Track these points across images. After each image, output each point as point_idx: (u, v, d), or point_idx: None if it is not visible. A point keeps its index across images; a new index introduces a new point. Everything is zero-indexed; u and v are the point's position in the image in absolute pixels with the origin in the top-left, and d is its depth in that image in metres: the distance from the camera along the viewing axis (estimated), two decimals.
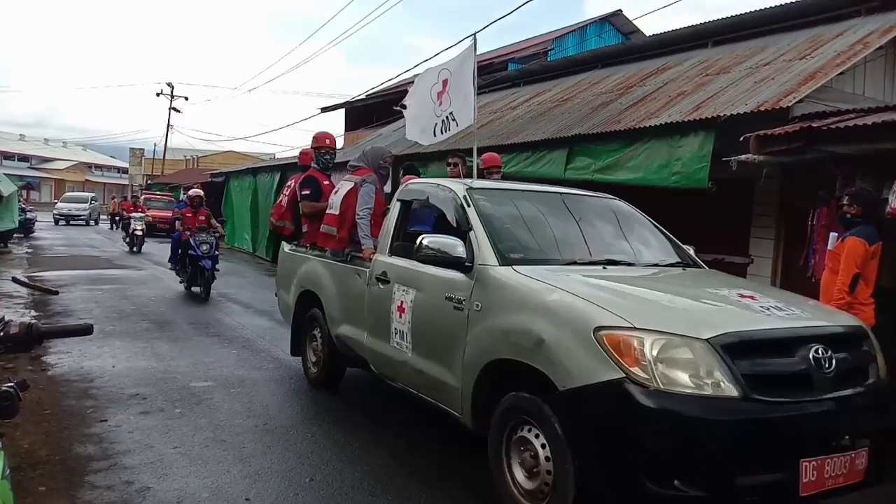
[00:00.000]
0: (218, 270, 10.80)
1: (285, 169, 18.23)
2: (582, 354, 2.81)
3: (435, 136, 6.47)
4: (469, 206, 3.95)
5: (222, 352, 6.86)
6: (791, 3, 8.99)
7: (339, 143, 22.64)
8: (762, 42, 8.65)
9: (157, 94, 40.39)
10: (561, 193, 4.60)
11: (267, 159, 30.61)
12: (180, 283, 11.35)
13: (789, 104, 6.06)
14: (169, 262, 11.93)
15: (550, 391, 2.95)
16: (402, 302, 4.13)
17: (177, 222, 11.47)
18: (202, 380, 5.70)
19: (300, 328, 5.82)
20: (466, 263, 3.62)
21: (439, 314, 3.76)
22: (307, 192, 5.87)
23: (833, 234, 4.99)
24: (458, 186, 4.26)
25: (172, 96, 40.17)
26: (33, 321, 1.81)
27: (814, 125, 5.33)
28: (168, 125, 40.57)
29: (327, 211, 5.41)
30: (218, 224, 11.70)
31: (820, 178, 5.66)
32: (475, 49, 6.33)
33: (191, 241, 10.51)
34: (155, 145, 46.88)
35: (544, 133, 9.13)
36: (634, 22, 18.70)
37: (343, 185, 5.34)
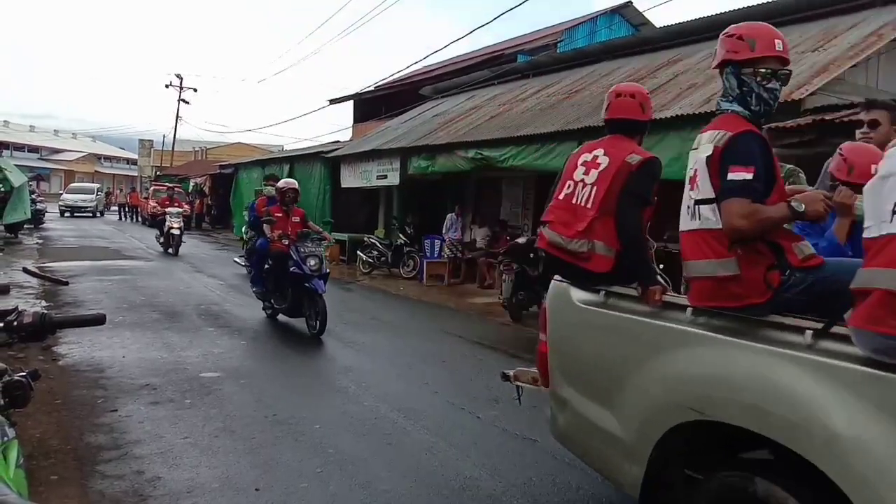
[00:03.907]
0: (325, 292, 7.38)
1: (294, 160, 18.16)
2: None
3: None
4: None
5: (231, 343, 6.89)
6: None
7: (348, 136, 22.58)
8: None
9: (167, 86, 40.44)
10: None
11: (275, 151, 30.71)
12: (264, 309, 8.29)
13: (801, 96, 6.03)
14: (251, 283, 8.57)
15: None
16: None
17: (265, 226, 7.85)
18: (212, 371, 5.72)
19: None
20: None
21: None
22: (749, 176, 2.23)
23: None
24: None
25: (181, 88, 40.21)
26: (46, 311, 1.82)
27: (826, 118, 5.30)
28: (177, 116, 40.62)
29: None
30: (318, 227, 8.42)
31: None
32: None
33: (291, 253, 7.42)
34: (164, 136, 47.11)
35: (554, 125, 9.11)
36: (645, 14, 18.58)
37: None
